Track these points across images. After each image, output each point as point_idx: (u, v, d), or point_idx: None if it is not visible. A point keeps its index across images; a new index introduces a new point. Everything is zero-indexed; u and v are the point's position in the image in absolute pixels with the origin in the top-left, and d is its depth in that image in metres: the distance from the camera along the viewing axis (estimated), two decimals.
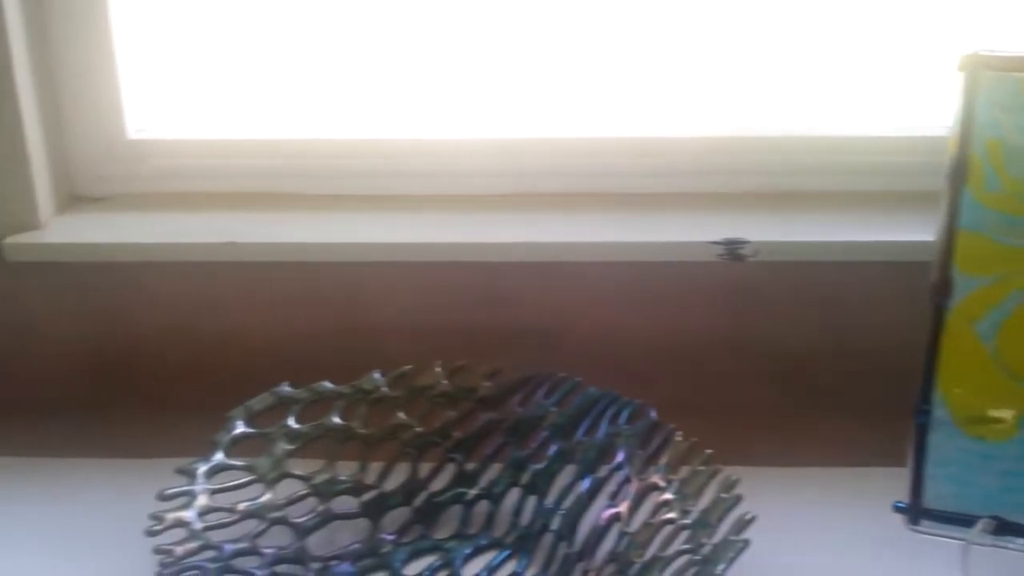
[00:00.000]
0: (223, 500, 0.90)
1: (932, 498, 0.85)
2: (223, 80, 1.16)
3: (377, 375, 1.00)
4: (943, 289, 0.85)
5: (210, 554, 0.84)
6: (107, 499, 0.99)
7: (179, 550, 0.83)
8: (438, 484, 0.97)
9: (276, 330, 1.11)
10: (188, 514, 0.87)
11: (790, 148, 1.13)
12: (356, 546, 0.92)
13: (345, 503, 0.95)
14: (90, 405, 1.12)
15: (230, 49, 1.15)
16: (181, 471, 0.90)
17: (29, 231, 1.09)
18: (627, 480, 0.89)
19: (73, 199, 1.15)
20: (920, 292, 0.87)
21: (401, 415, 0.98)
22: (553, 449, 0.95)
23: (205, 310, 1.11)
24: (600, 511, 0.89)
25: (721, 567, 0.74)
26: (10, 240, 1.08)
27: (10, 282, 1.10)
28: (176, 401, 1.12)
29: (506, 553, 0.92)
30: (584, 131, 1.15)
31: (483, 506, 0.96)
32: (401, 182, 1.14)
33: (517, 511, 0.94)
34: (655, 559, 0.81)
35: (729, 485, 0.83)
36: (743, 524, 0.78)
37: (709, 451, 0.87)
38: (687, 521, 0.82)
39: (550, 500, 0.93)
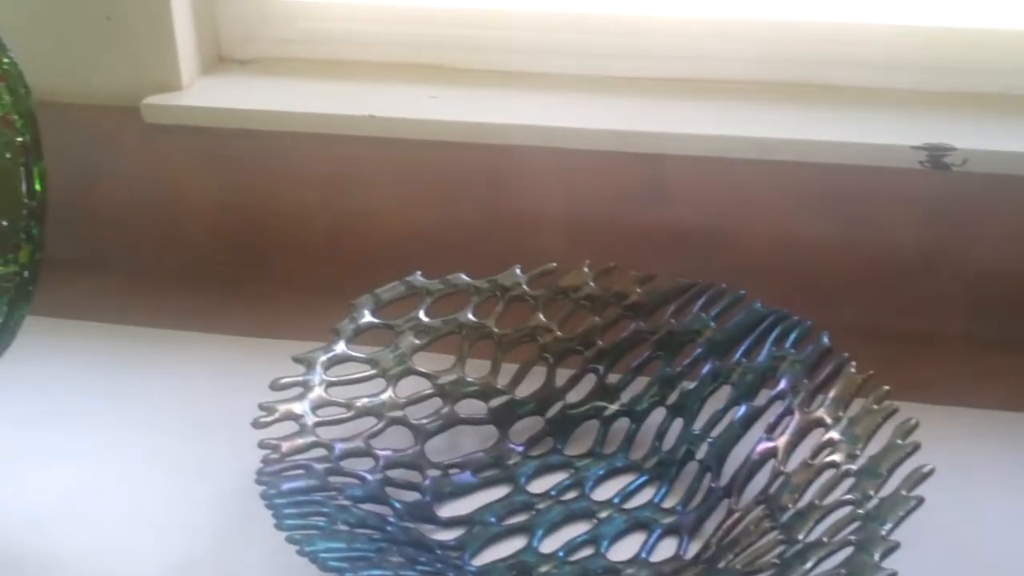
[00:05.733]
0: (340, 394, 0.83)
1: None
2: None
3: (518, 271, 0.91)
4: None
5: (319, 452, 0.78)
6: (228, 378, 0.94)
7: (285, 446, 0.77)
8: (575, 395, 0.88)
9: (416, 213, 1.03)
10: (299, 407, 0.80)
11: (1003, 43, 0.98)
12: (480, 455, 0.84)
13: (472, 407, 0.87)
14: (221, 276, 1.07)
15: None
16: (298, 360, 0.84)
17: (170, 92, 1.03)
18: (788, 412, 0.79)
19: (219, 60, 1.09)
20: None
21: (540, 316, 0.89)
22: (707, 368, 0.85)
23: (343, 186, 1.04)
24: (754, 444, 0.79)
25: (888, 527, 0.63)
26: (149, 100, 1.02)
27: (148, 144, 1.04)
28: (306, 279, 1.06)
29: (643, 479, 0.82)
30: (763, 13, 1.01)
31: (623, 424, 0.86)
32: (558, 60, 1.04)
33: (660, 434, 0.85)
34: (812, 507, 0.70)
35: (906, 430, 0.71)
36: (918, 478, 0.66)
37: (886, 388, 0.75)
38: (853, 467, 0.70)
39: (698, 425, 0.83)
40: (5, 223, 0.81)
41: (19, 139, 0.80)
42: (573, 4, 1.04)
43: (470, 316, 0.89)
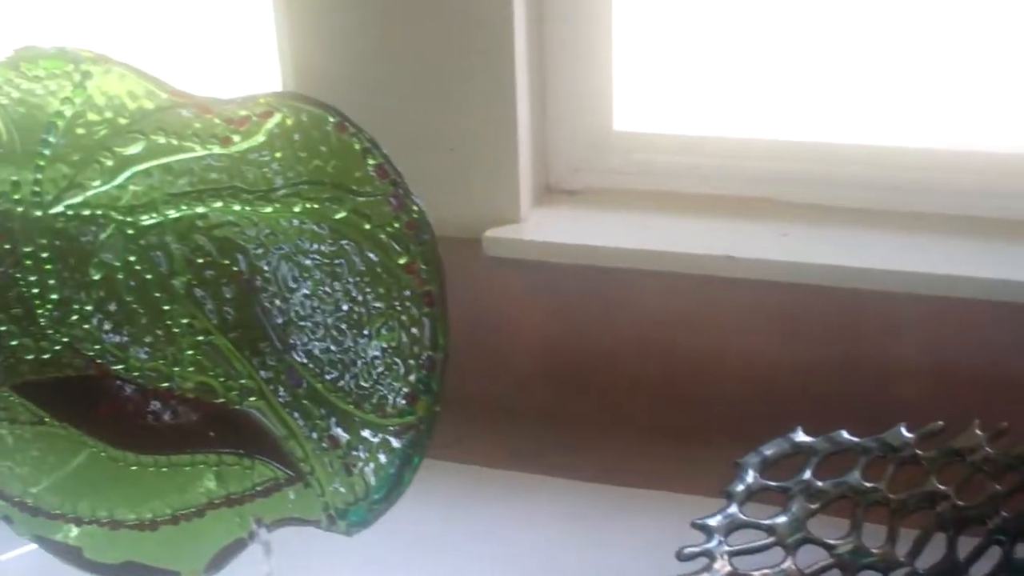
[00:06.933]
0: (741, 564, 0.79)
1: None
2: (720, 74, 1.04)
3: (903, 430, 0.85)
4: None
5: None
6: (587, 529, 0.91)
7: None
8: (980, 569, 0.82)
9: (767, 356, 0.99)
10: None
11: None
12: None
13: None
14: (553, 414, 1.04)
15: (729, 42, 1.03)
16: (698, 526, 0.79)
17: (509, 224, 1.01)
18: None
19: (546, 190, 1.07)
20: None
21: (935, 481, 0.84)
22: None
23: (686, 325, 1.00)
24: None
25: None
26: (490, 233, 1.01)
27: (486, 275, 1.02)
28: (643, 421, 1.02)
29: None
30: None
31: None
32: (920, 198, 0.99)
33: None
34: None
35: None
36: None
37: None
38: None
39: None
40: (403, 371, 0.79)
41: (424, 288, 0.78)
42: (933, 139, 0.99)
43: (861, 479, 0.84)
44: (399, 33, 0.98)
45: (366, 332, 0.79)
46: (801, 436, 0.85)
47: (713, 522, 0.80)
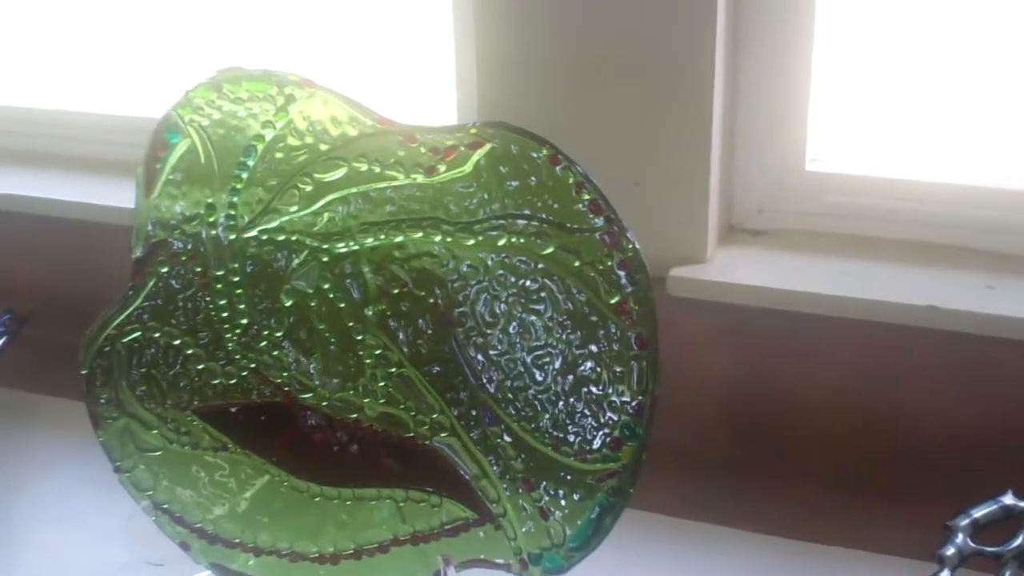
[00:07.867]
0: None
1: None
2: (922, 114, 1.00)
3: None
4: None
5: None
6: None
7: None
8: None
9: (966, 412, 0.94)
10: None
11: None
12: None
13: None
14: (735, 462, 1.00)
15: (934, 81, 0.99)
16: None
17: (694, 264, 0.98)
18: None
19: (729, 229, 1.04)
20: None
21: None
22: None
23: (882, 377, 0.96)
24: None
25: None
26: (675, 272, 0.97)
27: (670, 316, 0.98)
28: (836, 475, 0.97)
29: None
30: None
31: None
32: None
33: None
34: None
35: None
36: None
37: None
38: None
39: None
40: (607, 415, 0.76)
41: (636, 330, 0.75)
42: None
43: None
44: (590, 66, 0.96)
45: (568, 373, 0.76)
46: (1011, 499, 0.81)
47: None
